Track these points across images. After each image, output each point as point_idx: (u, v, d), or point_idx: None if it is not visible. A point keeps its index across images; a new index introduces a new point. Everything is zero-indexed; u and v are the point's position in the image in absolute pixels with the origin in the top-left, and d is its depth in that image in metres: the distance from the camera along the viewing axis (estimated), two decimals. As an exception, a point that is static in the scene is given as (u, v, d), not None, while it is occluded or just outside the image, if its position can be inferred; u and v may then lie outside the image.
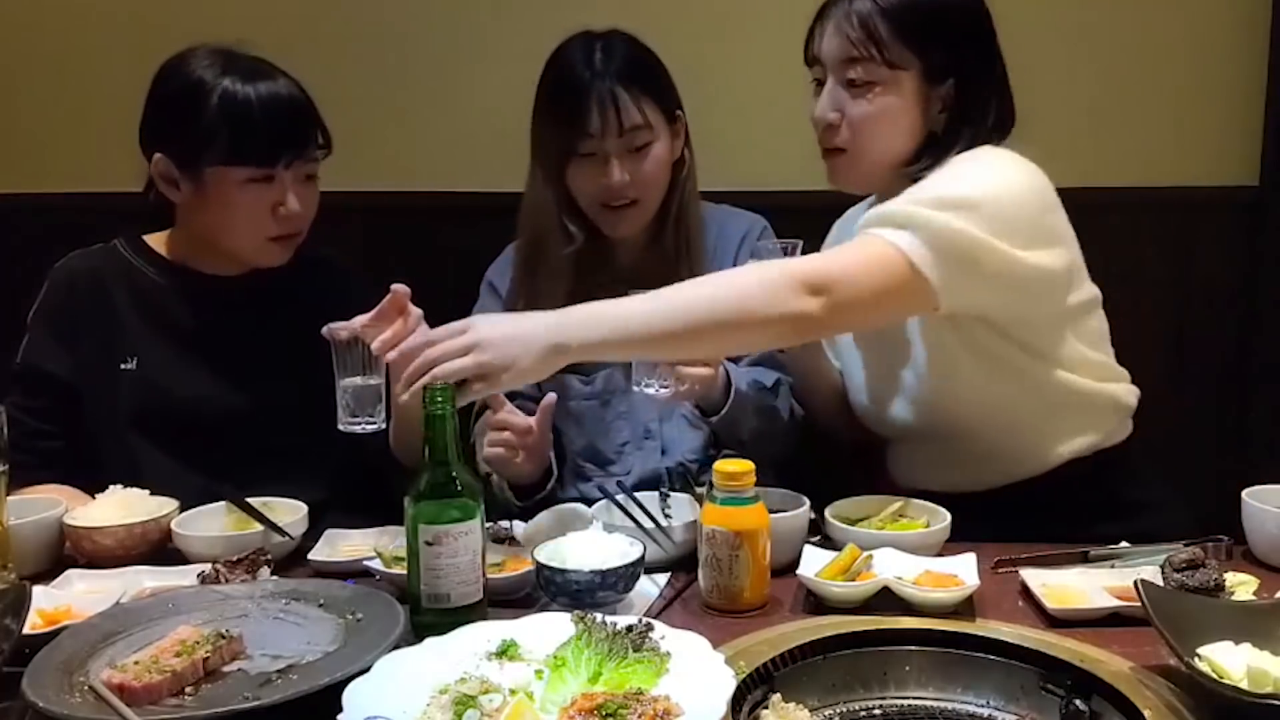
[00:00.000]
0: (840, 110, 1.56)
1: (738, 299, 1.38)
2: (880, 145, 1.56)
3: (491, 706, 1.02)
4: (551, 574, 1.31)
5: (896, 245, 1.41)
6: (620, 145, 1.78)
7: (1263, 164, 2.31)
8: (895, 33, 1.51)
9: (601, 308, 1.36)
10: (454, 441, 1.26)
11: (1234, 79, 2.29)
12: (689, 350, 1.48)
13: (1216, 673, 1.07)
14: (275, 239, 1.72)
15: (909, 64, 1.53)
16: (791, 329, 1.42)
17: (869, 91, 1.54)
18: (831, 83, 1.57)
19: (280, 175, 1.67)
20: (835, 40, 1.54)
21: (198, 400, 1.74)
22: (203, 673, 1.14)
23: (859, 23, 1.51)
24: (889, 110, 1.54)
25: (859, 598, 1.31)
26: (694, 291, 1.40)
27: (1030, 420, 1.59)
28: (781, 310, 1.36)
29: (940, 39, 1.53)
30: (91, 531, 1.48)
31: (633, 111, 1.77)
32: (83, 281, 1.77)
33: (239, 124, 1.64)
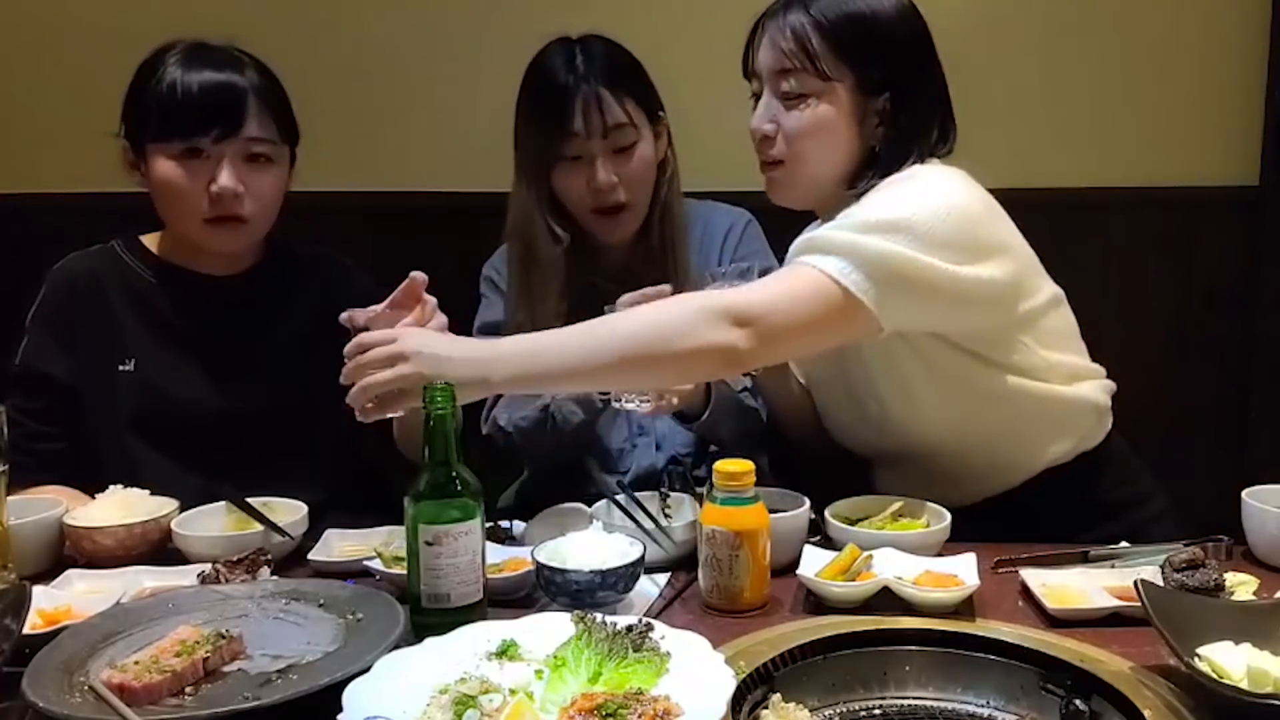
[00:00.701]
0: (775, 122, 1.55)
1: (659, 332, 1.37)
2: (815, 157, 1.55)
3: (491, 706, 1.02)
4: (551, 574, 1.31)
5: (826, 272, 1.39)
6: (605, 146, 1.79)
7: (1263, 164, 2.31)
8: (828, 45, 1.50)
9: (531, 342, 1.38)
10: (454, 441, 1.26)
11: (1234, 79, 2.30)
12: (617, 383, 1.48)
13: (1216, 673, 1.07)
14: (214, 221, 1.70)
15: (842, 76, 1.51)
16: (718, 361, 1.39)
17: (802, 103, 1.53)
18: (767, 94, 1.57)
19: (213, 152, 1.67)
20: (769, 52, 1.54)
21: (195, 401, 1.74)
22: (203, 673, 1.13)
23: (792, 35, 1.51)
24: (823, 121, 1.53)
25: (859, 598, 1.31)
26: (619, 325, 1.40)
27: (1002, 432, 1.58)
28: (703, 342, 1.35)
29: (873, 52, 1.52)
30: (91, 531, 1.48)
31: (616, 110, 1.78)
32: (81, 283, 1.77)
33: (167, 101, 1.66)
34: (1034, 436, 1.59)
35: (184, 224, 1.72)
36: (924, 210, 1.42)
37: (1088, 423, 1.62)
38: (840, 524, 1.47)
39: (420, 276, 1.47)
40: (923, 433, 1.59)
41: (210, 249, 1.75)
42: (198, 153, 1.67)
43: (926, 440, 1.59)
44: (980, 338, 1.52)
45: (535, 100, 1.82)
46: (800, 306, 1.39)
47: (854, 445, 1.73)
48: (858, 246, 1.39)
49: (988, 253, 1.46)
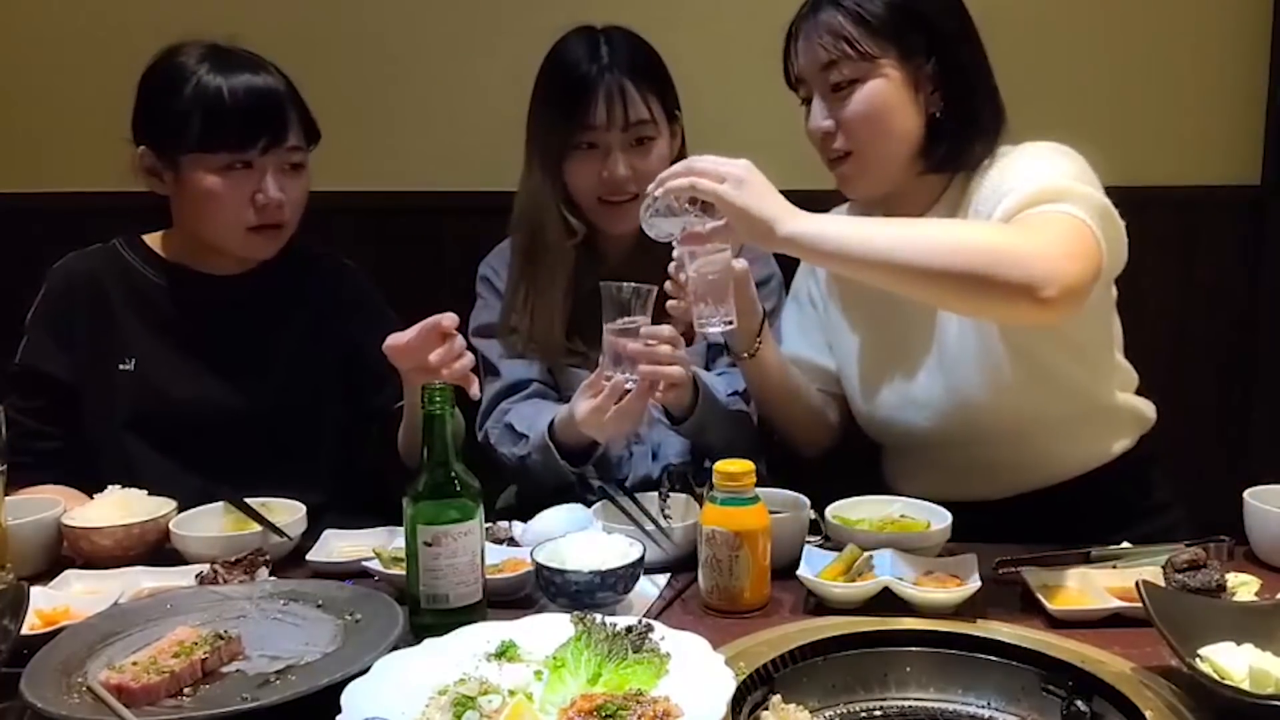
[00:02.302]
0: (833, 117, 1.55)
1: (993, 255, 1.29)
2: (882, 137, 1.54)
3: (490, 707, 1.01)
4: (551, 574, 1.31)
5: (1080, 218, 1.37)
6: (624, 139, 1.77)
7: (1263, 164, 2.31)
8: (864, 28, 1.51)
9: (846, 219, 1.38)
10: (453, 442, 1.25)
11: (1235, 78, 2.29)
12: (916, 289, 1.37)
13: (1218, 673, 1.07)
14: (256, 230, 1.70)
15: (885, 51, 1.52)
16: (1024, 306, 1.29)
17: (854, 88, 1.53)
18: (818, 92, 1.57)
19: (257, 163, 1.67)
20: (809, 53, 1.55)
21: (195, 401, 1.73)
22: (201, 674, 1.13)
23: (827, 30, 1.52)
24: (879, 98, 1.52)
25: (860, 598, 1.31)
26: (944, 233, 1.35)
27: (1057, 426, 1.58)
28: (1029, 283, 1.27)
29: (909, 22, 1.52)
30: (90, 532, 1.48)
31: (639, 105, 1.77)
32: (81, 282, 1.77)
33: (210, 111, 1.64)
34: (1089, 436, 1.60)
35: (225, 233, 1.71)
36: (1088, 173, 1.47)
37: (1132, 435, 1.64)
38: (840, 524, 1.47)
39: (453, 316, 1.46)
40: (988, 417, 1.57)
41: (249, 255, 1.75)
42: (246, 164, 1.66)
43: (986, 426, 1.58)
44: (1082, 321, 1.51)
45: (555, 87, 1.80)
46: (1084, 261, 1.35)
47: (886, 431, 1.70)
48: (1087, 196, 1.41)
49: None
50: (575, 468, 1.68)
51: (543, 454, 1.69)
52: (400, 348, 1.47)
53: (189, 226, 1.75)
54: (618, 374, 1.53)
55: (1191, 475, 1.96)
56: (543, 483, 1.73)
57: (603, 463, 1.86)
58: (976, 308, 1.40)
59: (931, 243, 1.31)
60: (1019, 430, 1.58)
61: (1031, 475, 1.61)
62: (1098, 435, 1.62)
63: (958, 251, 1.30)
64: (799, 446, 1.80)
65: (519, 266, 1.86)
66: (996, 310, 1.38)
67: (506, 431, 1.79)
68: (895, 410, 1.66)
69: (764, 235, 1.33)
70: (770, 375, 1.70)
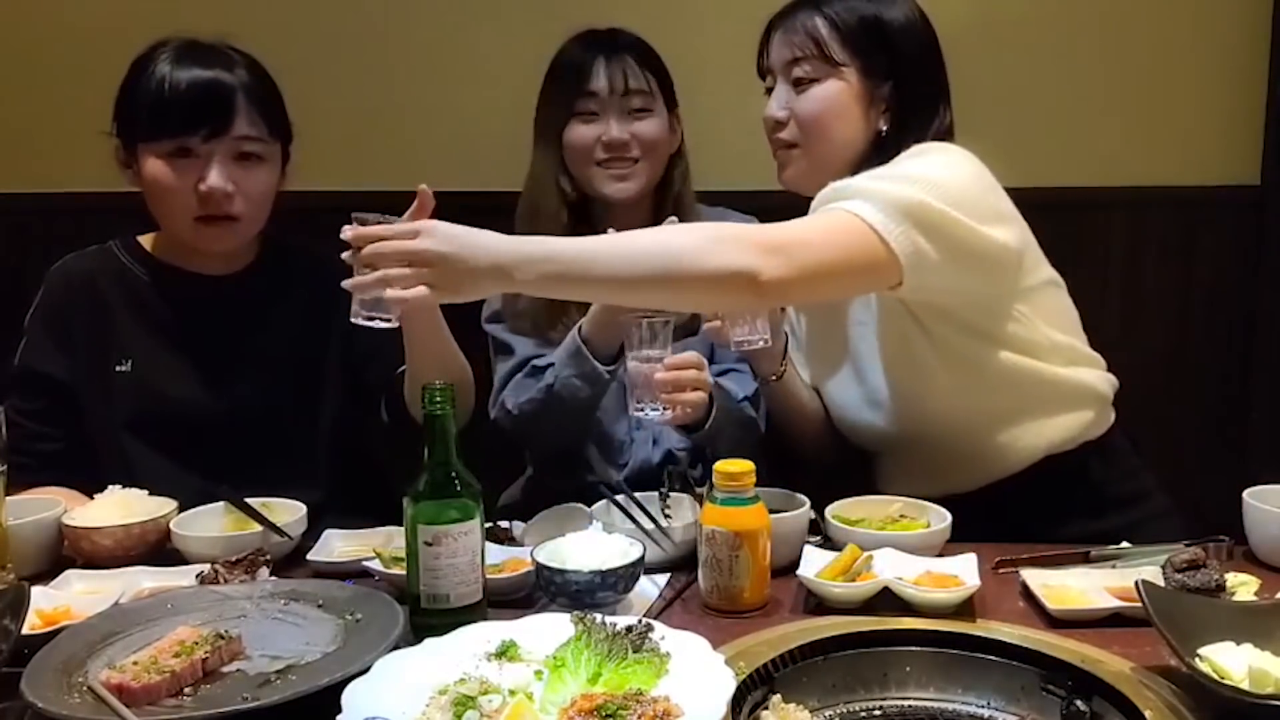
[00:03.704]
0: (788, 108, 1.62)
1: (693, 250, 1.36)
2: (827, 137, 1.61)
3: (491, 707, 1.01)
4: (551, 574, 1.31)
5: (859, 214, 1.42)
6: (622, 105, 1.85)
7: (1264, 163, 2.31)
8: (837, 36, 1.59)
9: (558, 244, 1.38)
10: (454, 441, 1.25)
11: (1234, 79, 2.30)
12: (637, 298, 1.46)
13: (1217, 673, 1.07)
14: (205, 221, 1.69)
15: (850, 62, 1.59)
16: (742, 287, 1.36)
17: (814, 87, 1.60)
18: (780, 84, 1.64)
19: (201, 150, 1.67)
20: (782, 48, 1.63)
21: (192, 401, 1.73)
22: (201, 673, 1.13)
23: (802, 28, 1.61)
24: (833, 100, 1.60)
25: (859, 598, 1.31)
26: (651, 239, 1.41)
27: (1008, 413, 1.60)
28: (732, 264, 1.34)
29: (879, 44, 1.60)
30: (90, 532, 1.48)
31: (638, 75, 1.86)
32: (78, 283, 1.77)
33: (155, 99, 1.66)
34: (1036, 418, 1.61)
35: (175, 223, 1.72)
36: (945, 170, 1.48)
37: (1091, 410, 1.64)
38: (840, 524, 1.47)
39: (427, 191, 1.49)
40: (930, 417, 1.61)
41: (201, 248, 1.74)
42: (187, 152, 1.67)
43: (933, 425, 1.61)
44: (985, 308, 1.56)
45: (561, 64, 1.89)
46: (831, 245, 1.40)
47: (867, 438, 1.74)
48: (888, 194, 1.43)
49: (1000, 218, 1.52)
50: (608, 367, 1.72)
51: (574, 360, 1.73)
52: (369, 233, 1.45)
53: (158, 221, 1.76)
54: (646, 406, 1.56)
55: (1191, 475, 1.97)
56: (565, 420, 1.78)
57: (604, 446, 1.90)
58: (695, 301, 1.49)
59: (638, 252, 1.37)
60: (971, 423, 1.61)
61: (997, 464, 1.62)
62: (1051, 416, 1.62)
63: (668, 254, 1.36)
64: (818, 460, 1.83)
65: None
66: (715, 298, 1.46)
67: (525, 379, 1.83)
68: (858, 413, 1.71)
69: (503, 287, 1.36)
70: (791, 395, 1.75)
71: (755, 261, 1.34)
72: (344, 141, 2.35)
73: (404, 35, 2.38)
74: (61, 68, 2.42)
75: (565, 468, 1.89)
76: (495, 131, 2.32)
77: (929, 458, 1.64)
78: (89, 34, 2.39)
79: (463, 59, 2.37)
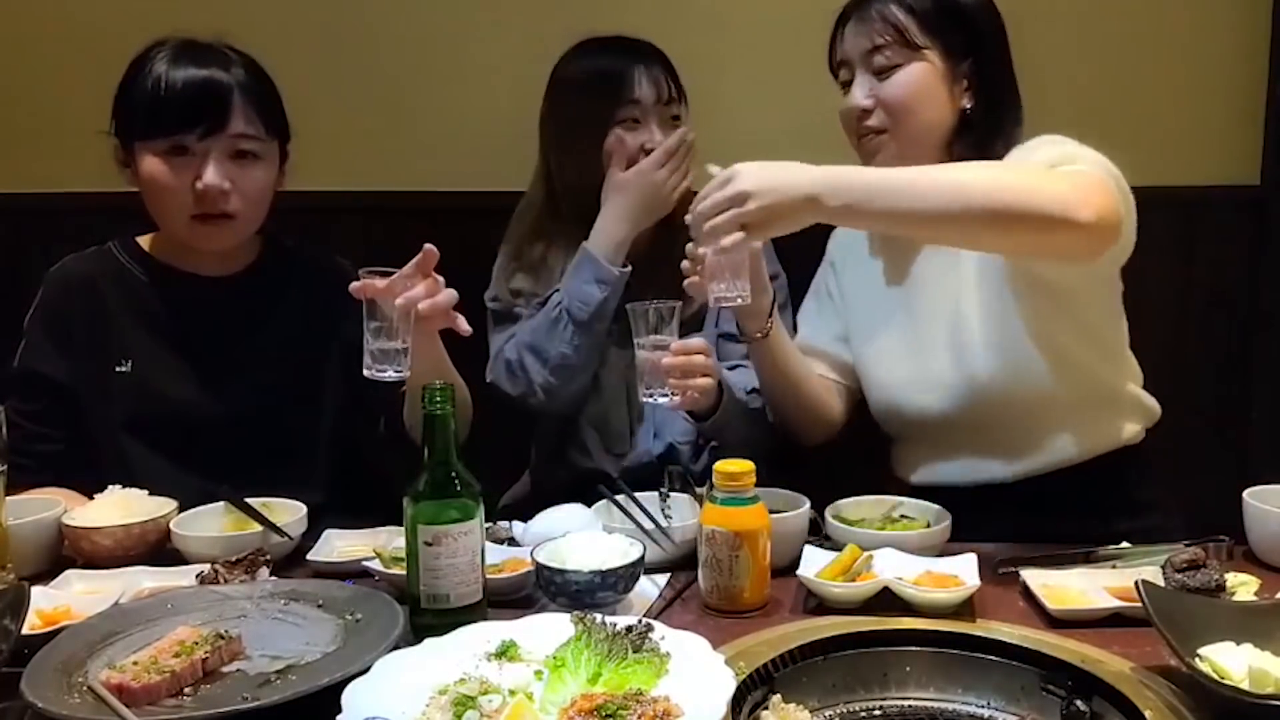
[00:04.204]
0: (873, 95, 1.63)
1: (1026, 187, 1.36)
2: (916, 119, 1.62)
3: (491, 707, 1.01)
4: (551, 574, 1.31)
5: (1102, 176, 1.44)
6: (662, 114, 1.88)
7: (1263, 163, 2.31)
8: (915, 20, 1.61)
9: (873, 174, 1.41)
10: (454, 441, 1.25)
11: (1235, 78, 2.29)
12: (951, 237, 1.47)
13: (1217, 673, 1.07)
14: (201, 219, 1.69)
15: (930, 44, 1.61)
16: (1068, 233, 1.35)
17: (897, 72, 1.62)
18: (860, 74, 1.65)
19: (197, 148, 1.67)
20: (858, 38, 1.64)
21: (192, 401, 1.73)
22: (201, 673, 1.13)
23: (879, 16, 1.62)
24: (919, 84, 1.61)
25: (859, 598, 1.31)
26: (974, 175, 1.42)
27: (1066, 413, 1.62)
28: (1066, 205, 1.34)
29: (956, 22, 1.62)
30: (90, 532, 1.48)
31: (672, 86, 1.89)
32: (77, 285, 1.77)
33: (151, 98, 1.66)
34: (1098, 422, 1.64)
35: (171, 221, 1.72)
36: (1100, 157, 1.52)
37: (1137, 426, 1.68)
38: (840, 524, 1.47)
39: (432, 249, 1.49)
40: (1005, 399, 1.61)
41: (198, 246, 1.74)
42: (183, 150, 1.67)
43: (1003, 407, 1.62)
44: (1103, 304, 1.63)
45: (595, 72, 1.89)
46: (1110, 198, 1.41)
47: (905, 420, 1.72)
48: (1105, 164, 1.47)
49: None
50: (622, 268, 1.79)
51: (583, 269, 1.80)
52: (379, 289, 1.46)
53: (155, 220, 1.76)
54: (656, 392, 1.56)
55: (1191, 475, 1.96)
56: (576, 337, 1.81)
57: (606, 435, 1.91)
58: (1020, 242, 1.44)
59: (969, 187, 1.37)
60: (1030, 413, 1.61)
61: (1040, 459, 1.63)
62: (1107, 422, 1.65)
63: (994, 190, 1.36)
64: (798, 434, 1.83)
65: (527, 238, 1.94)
66: (1040, 240, 1.41)
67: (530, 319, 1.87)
68: (909, 393, 1.70)
69: (814, 216, 1.38)
70: (778, 358, 1.75)
71: (1077, 199, 1.34)
72: (344, 141, 2.35)
73: (404, 35, 2.38)
74: (61, 68, 2.42)
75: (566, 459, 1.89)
76: (495, 131, 2.32)
77: (975, 444, 1.64)
78: (88, 34, 2.39)
79: (462, 59, 2.37)
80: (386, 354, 1.44)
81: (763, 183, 1.36)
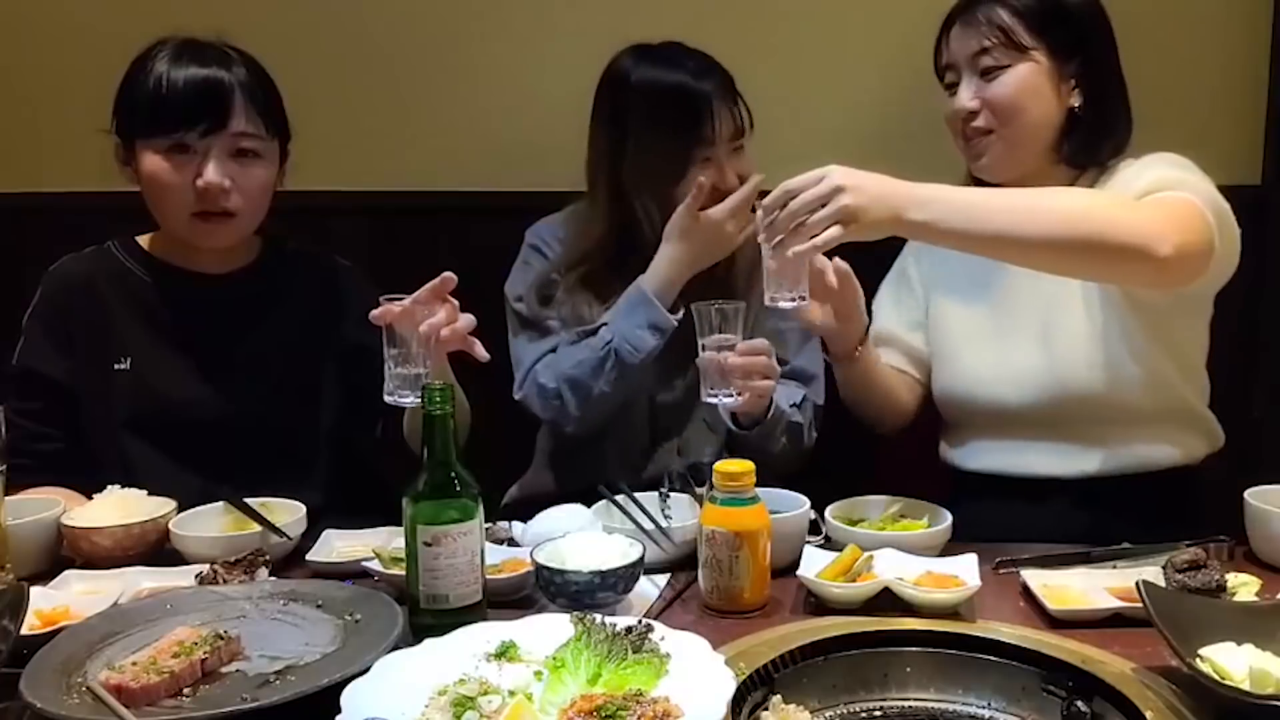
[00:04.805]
0: (979, 97, 1.64)
1: (1107, 216, 1.38)
2: (1023, 120, 1.62)
3: (490, 708, 1.01)
4: (551, 575, 1.30)
5: (1193, 200, 1.44)
6: (730, 148, 1.81)
7: (1264, 163, 2.30)
8: (1021, 21, 1.62)
9: (956, 192, 1.39)
10: (453, 441, 1.25)
11: (1235, 78, 2.29)
12: (1028, 261, 1.46)
13: (1218, 674, 1.06)
14: (202, 217, 1.70)
15: (1037, 43, 1.62)
16: (1142, 264, 1.36)
17: (1003, 72, 1.62)
18: (967, 76, 1.65)
19: (199, 146, 1.67)
20: (964, 40, 1.65)
21: (191, 400, 1.73)
22: (201, 674, 1.13)
23: (984, 19, 1.63)
24: (1027, 85, 1.62)
25: (859, 599, 1.31)
26: (1057, 200, 1.43)
27: (1140, 422, 1.64)
28: (1144, 235, 1.35)
29: (1063, 23, 1.63)
30: (89, 532, 1.48)
31: (745, 118, 1.82)
32: (76, 284, 1.77)
33: (152, 96, 1.67)
34: (1168, 437, 1.66)
35: (172, 219, 1.72)
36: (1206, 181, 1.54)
37: (1205, 446, 1.69)
38: (841, 524, 1.47)
39: (451, 276, 1.48)
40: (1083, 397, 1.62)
41: (198, 244, 1.74)
42: (185, 148, 1.67)
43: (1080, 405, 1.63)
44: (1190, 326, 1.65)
45: (664, 102, 1.79)
46: (1196, 233, 1.43)
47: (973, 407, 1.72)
48: (1206, 191, 1.48)
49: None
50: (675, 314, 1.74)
51: (637, 311, 1.74)
52: (398, 314, 1.46)
53: (156, 218, 1.76)
54: (720, 393, 1.54)
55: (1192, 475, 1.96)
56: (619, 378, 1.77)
57: (627, 454, 1.88)
58: (1096, 271, 1.47)
59: (1048, 214, 1.38)
60: (1107, 417, 1.63)
61: (1103, 462, 1.64)
62: (1175, 438, 1.66)
63: (1073, 219, 1.37)
64: (871, 424, 1.84)
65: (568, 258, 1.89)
66: (1116, 271, 1.44)
67: (567, 349, 1.81)
68: (987, 384, 1.70)
69: (893, 229, 1.36)
70: (864, 378, 1.74)
71: (1159, 242, 1.35)
72: (344, 141, 2.35)
73: (404, 35, 2.38)
74: (61, 68, 2.41)
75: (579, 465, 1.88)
76: (495, 132, 2.32)
77: (1042, 439, 1.65)
78: (88, 34, 2.38)
79: (463, 59, 2.37)
80: (407, 380, 1.44)
81: (857, 181, 1.34)
